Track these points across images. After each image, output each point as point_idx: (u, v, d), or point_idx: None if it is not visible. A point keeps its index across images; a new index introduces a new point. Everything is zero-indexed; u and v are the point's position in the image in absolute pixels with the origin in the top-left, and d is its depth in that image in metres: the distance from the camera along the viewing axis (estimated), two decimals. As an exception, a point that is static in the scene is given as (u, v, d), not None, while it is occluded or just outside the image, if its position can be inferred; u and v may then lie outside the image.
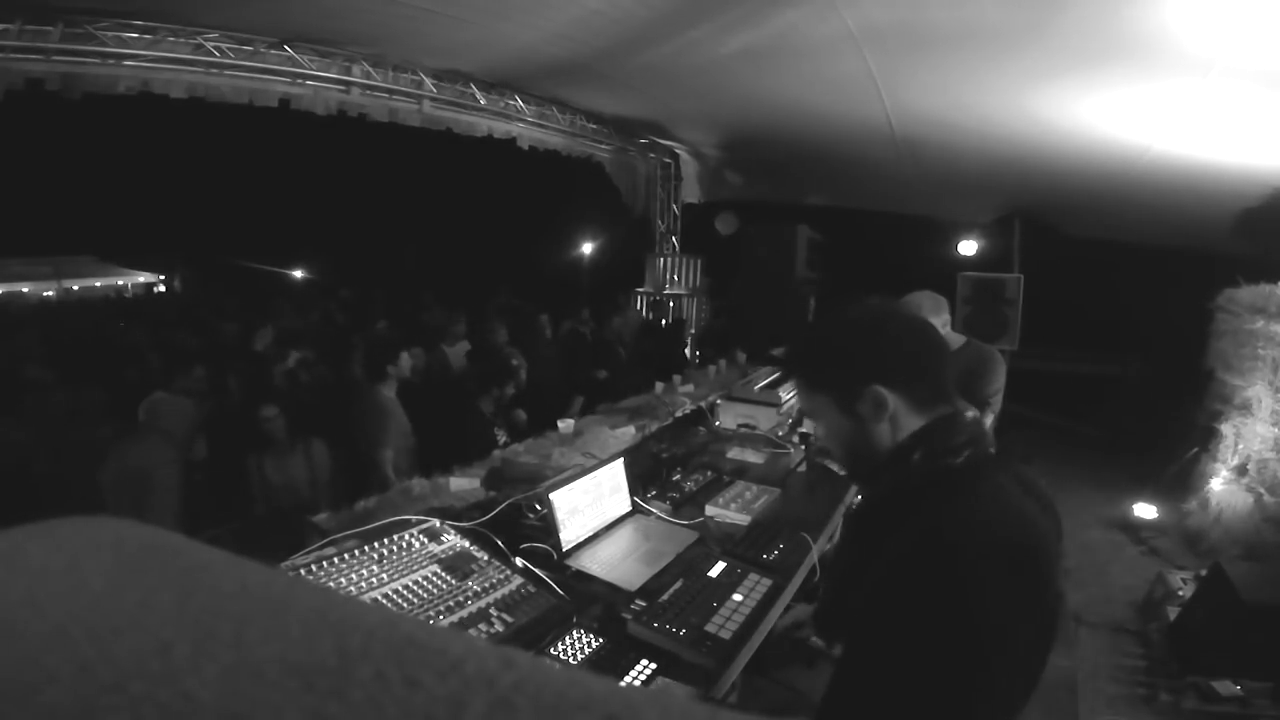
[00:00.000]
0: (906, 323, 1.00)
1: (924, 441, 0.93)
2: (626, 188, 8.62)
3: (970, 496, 0.86)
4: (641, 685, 1.34)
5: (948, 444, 0.91)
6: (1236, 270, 4.89)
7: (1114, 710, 2.91)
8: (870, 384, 0.94)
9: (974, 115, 4.89)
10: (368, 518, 1.84)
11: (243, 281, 16.31)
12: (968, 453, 0.91)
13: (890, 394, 0.94)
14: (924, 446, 0.92)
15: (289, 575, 0.27)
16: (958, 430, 0.93)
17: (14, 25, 4.00)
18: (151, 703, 0.16)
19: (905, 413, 0.95)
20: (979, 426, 0.96)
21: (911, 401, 0.95)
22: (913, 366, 0.97)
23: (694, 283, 9.12)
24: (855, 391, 0.95)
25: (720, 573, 1.74)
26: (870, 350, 0.98)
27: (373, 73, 5.43)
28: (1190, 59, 3.35)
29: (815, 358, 1.04)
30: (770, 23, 3.96)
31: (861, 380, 0.95)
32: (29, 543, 0.22)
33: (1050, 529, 0.90)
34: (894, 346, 0.98)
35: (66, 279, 16.73)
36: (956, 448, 0.91)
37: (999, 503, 0.86)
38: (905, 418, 0.95)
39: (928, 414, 0.95)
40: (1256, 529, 4.22)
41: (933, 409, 0.95)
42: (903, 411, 0.95)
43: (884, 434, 0.95)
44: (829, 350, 1.02)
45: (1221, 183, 5.01)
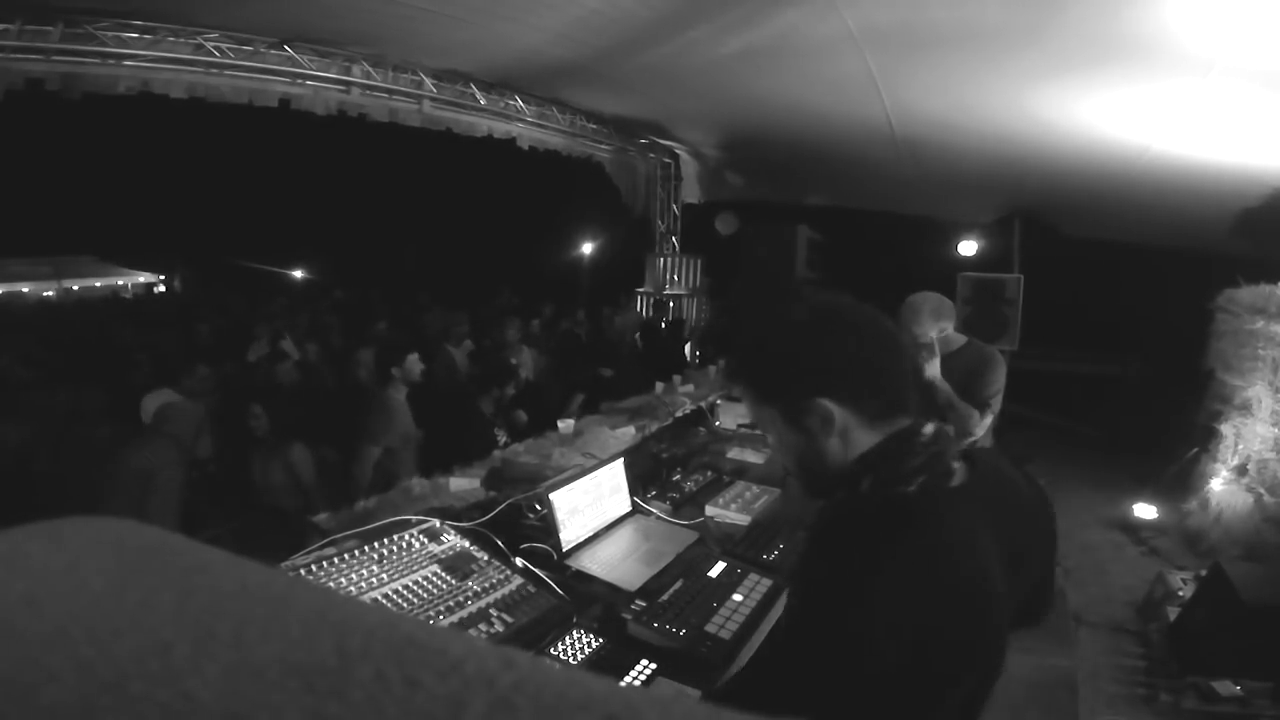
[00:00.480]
0: (856, 325, 0.88)
1: (874, 467, 0.86)
2: (626, 188, 8.62)
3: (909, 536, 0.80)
4: (641, 685, 1.34)
5: (900, 469, 0.84)
6: (1236, 270, 4.89)
7: (1114, 710, 2.91)
8: (815, 397, 0.86)
9: (974, 115, 4.89)
10: (368, 518, 1.84)
11: (242, 281, 16.31)
12: (922, 479, 0.84)
13: (838, 408, 0.86)
14: (875, 473, 0.85)
15: (289, 575, 0.27)
16: (912, 452, 0.85)
17: (14, 25, 4.01)
18: (151, 703, 0.16)
19: (856, 427, 0.87)
20: (939, 444, 0.87)
21: (862, 416, 0.87)
22: (863, 376, 0.87)
23: (694, 283, 9.12)
24: (800, 404, 0.87)
25: (720, 573, 1.74)
26: (814, 359, 0.88)
27: (373, 73, 5.44)
28: (1190, 59, 3.35)
29: (756, 367, 0.94)
30: (770, 23, 3.96)
31: (806, 393, 0.86)
32: (29, 543, 0.22)
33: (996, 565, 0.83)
34: (841, 354, 0.87)
35: (66, 279, 16.72)
36: (909, 474, 0.84)
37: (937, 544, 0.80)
38: (857, 433, 0.87)
39: (882, 428, 0.87)
40: (1256, 529, 4.22)
41: (888, 422, 0.87)
42: (853, 426, 0.87)
43: (835, 449, 0.88)
44: (770, 359, 0.92)
45: (1221, 183, 5.01)
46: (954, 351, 2.78)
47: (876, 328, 0.88)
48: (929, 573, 0.78)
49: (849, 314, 0.89)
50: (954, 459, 0.88)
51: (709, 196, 9.47)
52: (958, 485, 0.87)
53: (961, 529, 0.82)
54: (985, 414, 2.70)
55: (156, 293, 18.43)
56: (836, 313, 0.90)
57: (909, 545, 0.79)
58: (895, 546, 0.79)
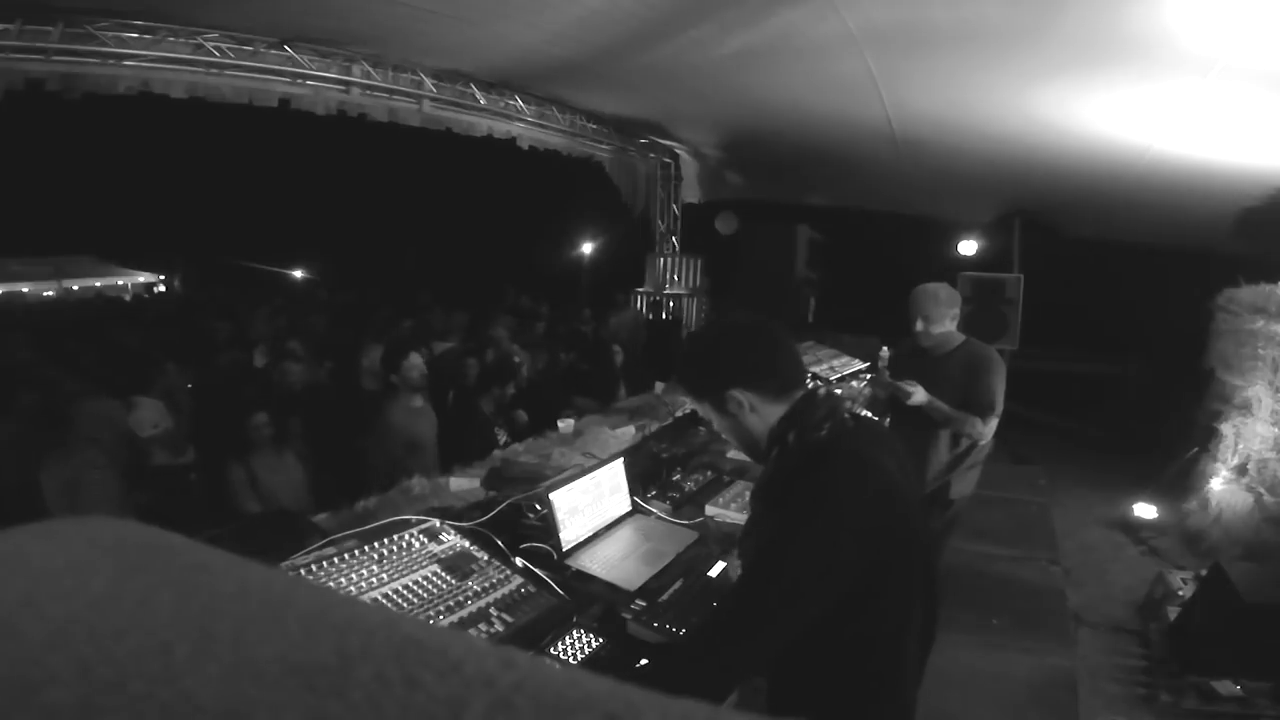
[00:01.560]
0: (745, 333, 1.22)
1: (792, 423, 1.15)
2: (626, 188, 8.62)
3: (834, 462, 1.10)
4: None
5: (809, 420, 1.14)
6: (1236, 270, 4.89)
7: (1114, 710, 2.91)
8: (728, 389, 1.17)
9: (974, 115, 4.89)
10: (368, 518, 1.84)
11: (242, 281, 16.30)
12: (828, 424, 1.14)
13: (744, 393, 1.17)
14: (794, 428, 1.14)
15: (289, 575, 0.27)
16: (815, 406, 1.16)
17: (14, 25, 4.00)
18: (151, 703, 0.16)
19: (764, 404, 1.17)
20: (832, 400, 1.19)
21: (765, 394, 1.17)
22: (758, 368, 1.18)
23: (694, 283, 9.11)
24: (720, 396, 1.18)
25: (720, 573, 1.74)
26: (719, 362, 1.21)
27: (373, 73, 5.43)
28: (1191, 59, 3.35)
29: (685, 376, 1.27)
30: (770, 23, 3.96)
31: (721, 387, 1.18)
32: (29, 543, 0.22)
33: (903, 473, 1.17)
34: (738, 355, 1.19)
35: (66, 279, 16.71)
36: (818, 421, 1.14)
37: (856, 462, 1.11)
38: (766, 408, 1.17)
39: (786, 400, 1.18)
40: (1256, 529, 4.22)
41: (789, 395, 1.18)
42: (760, 404, 1.17)
43: (755, 423, 1.18)
44: (693, 367, 1.25)
45: (1222, 183, 5.01)
46: (951, 350, 2.78)
47: (762, 332, 1.21)
48: (857, 484, 1.08)
49: (742, 326, 1.24)
50: (845, 411, 1.20)
51: (709, 196, 9.47)
52: (853, 429, 1.18)
53: (869, 452, 1.14)
54: (989, 418, 2.70)
55: (157, 292, 18.41)
56: (732, 327, 1.28)
57: (835, 469, 1.10)
58: (824, 474, 1.09)
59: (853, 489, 1.07)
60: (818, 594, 1.02)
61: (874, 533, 1.05)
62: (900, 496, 1.12)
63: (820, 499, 1.05)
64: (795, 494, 1.08)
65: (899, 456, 1.22)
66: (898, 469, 1.16)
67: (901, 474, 1.17)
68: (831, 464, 1.10)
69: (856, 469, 1.09)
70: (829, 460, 1.10)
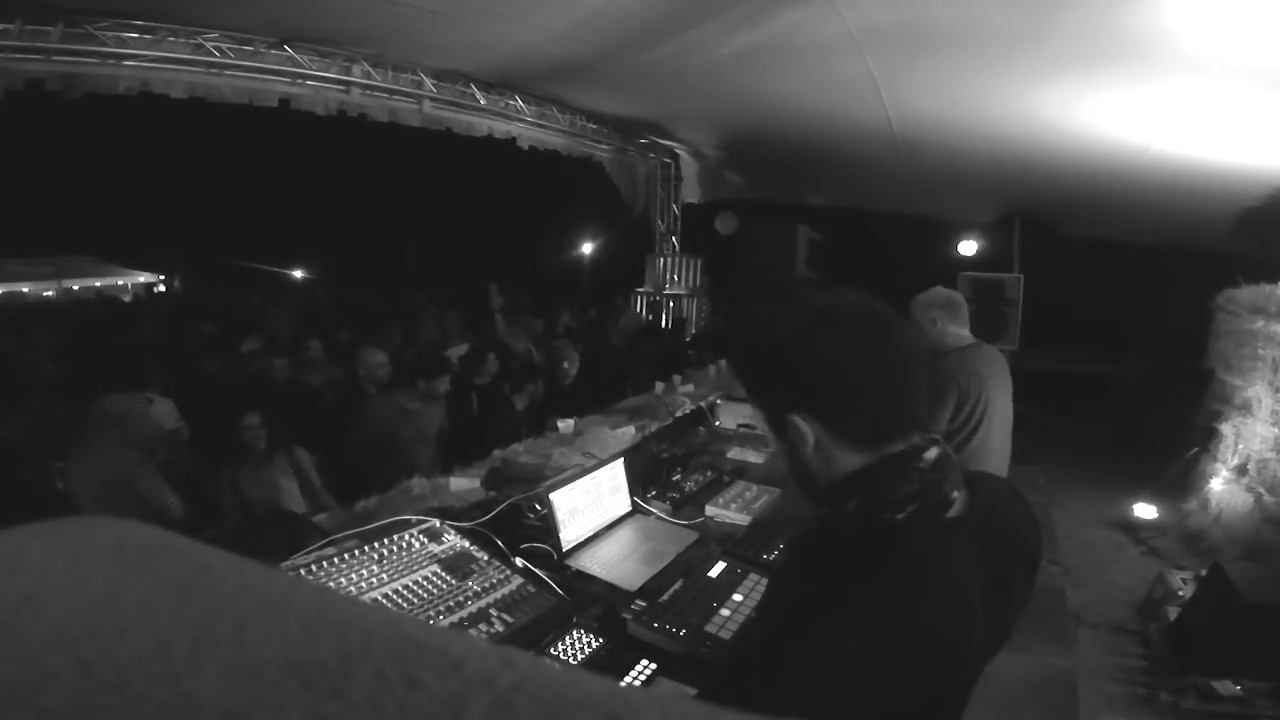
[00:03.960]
0: (848, 339, 0.80)
1: (860, 490, 0.80)
2: (626, 188, 8.62)
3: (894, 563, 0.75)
4: (641, 685, 1.34)
5: (887, 496, 0.78)
6: (1236, 270, 4.89)
7: (1114, 710, 2.91)
8: (790, 412, 0.82)
9: (974, 115, 4.89)
10: (368, 518, 1.84)
11: (242, 281, 16.31)
12: (912, 508, 0.78)
13: (811, 425, 0.81)
14: (860, 496, 0.80)
15: (289, 575, 0.27)
16: (905, 479, 0.79)
17: (14, 25, 4.00)
18: (151, 703, 0.16)
19: (835, 447, 0.81)
20: (938, 471, 0.80)
21: (841, 436, 0.81)
22: (843, 397, 0.80)
23: (694, 283, 9.12)
24: (780, 416, 0.83)
25: (720, 573, 1.73)
26: (791, 374, 0.83)
27: (373, 73, 5.44)
28: (1191, 59, 3.35)
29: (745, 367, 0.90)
30: (771, 23, 3.96)
31: (781, 406, 0.83)
32: (29, 543, 0.22)
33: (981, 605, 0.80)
34: (820, 371, 0.80)
35: (66, 279, 16.72)
36: (898, 501, 0.78)
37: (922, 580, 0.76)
38: (837, 453, 0.81)
39: (871, 451, 0.80)
40: (1256, 529, 4.22)
41: (878, 446, 0.80)
42: (831, 445, 0.81)
43: (816, 463, 0.83)
44: (755, 364, 0.88)
45: (1222, 183, 5.01)
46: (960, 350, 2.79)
47: (876, 343, 0.80)
48: (905, 608, 0.74)
49: (845, 325, 0.81)
50: (953, 488, 0.81)
51: (709, 196, 9.48)
52: (956, 517, 0.80)
53: (947, 566, 0.78)
54: None
55: (157, 293, 18.41)
56: (830, 323, 0.82)
57: (887, 576, 0.74)
58: (873, 576, 0.74)
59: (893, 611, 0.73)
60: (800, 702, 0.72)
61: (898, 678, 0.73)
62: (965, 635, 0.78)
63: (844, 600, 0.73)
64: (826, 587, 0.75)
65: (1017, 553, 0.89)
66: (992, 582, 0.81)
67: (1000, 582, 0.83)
68: (887, 570, 0.74)
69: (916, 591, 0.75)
70: (888, 561, 0.75)
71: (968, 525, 0.81)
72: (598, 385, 4.66)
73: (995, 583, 0.82)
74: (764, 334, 0.87)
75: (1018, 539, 0.90)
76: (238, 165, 21.94)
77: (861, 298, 0.84)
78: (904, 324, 0.85)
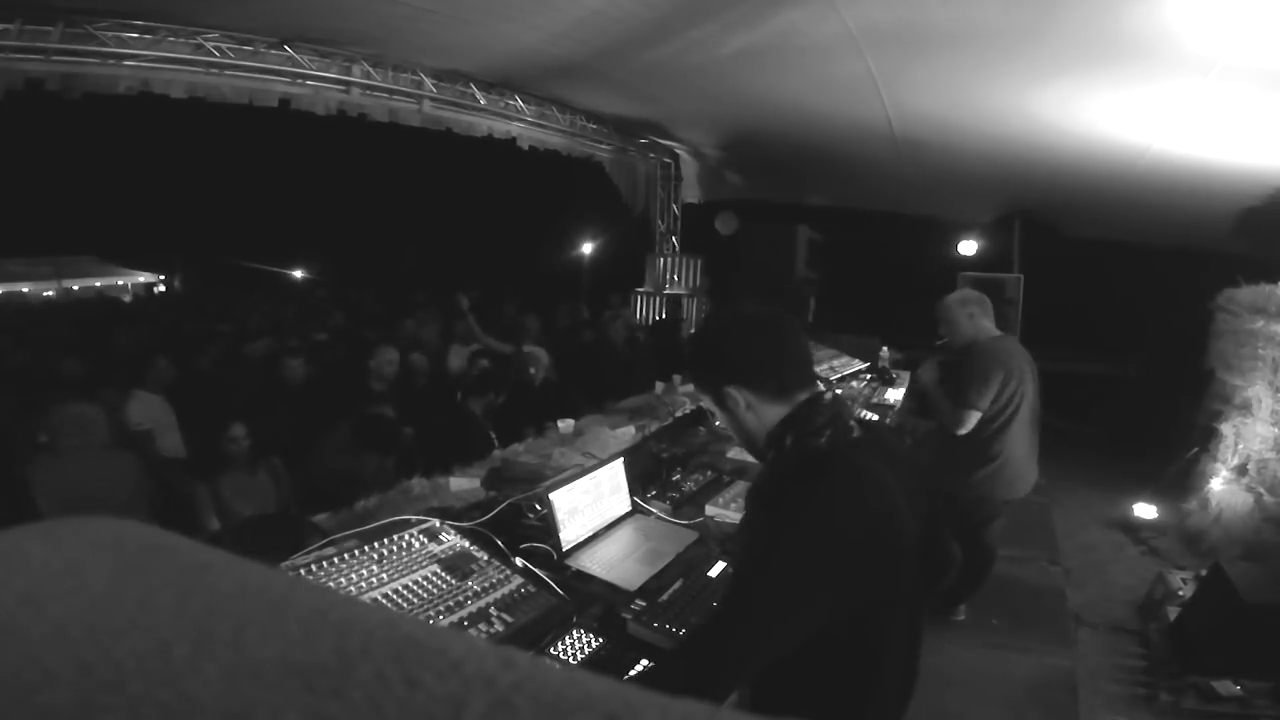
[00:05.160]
0: (749, 327, 1.16)
1: (790, 427, 1.10)
2: (626, 188, 8.62)
3: (830, 472, 1.05)
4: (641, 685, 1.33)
5: (809, 426, 1.09)
6: (1236, 270, 4.89)
7: (1114, 710, 2.91)
8: (724, 385, 1.13)
9: (974, 115, 4.89)
10: (368, 518, 1.84)
11: (242, 281, 16.31)
12: (829, 432, 1.08)
13: (741, 391, 1.12)
14: (792, 431, 1.09)
15: (289, 575, 0.27)
16: (817, 412, 1.10)
17: (14, 25, 4.00)
18: (151, 703, 0.16)
19: (761, 404, 1.12)
20: (838, 406, 1.14)
21: (763, 394, 1.12)
22: (757, 366, 1.12)
23: (694, 283, 9.12)
24: (719, 392, 1.14)
25: (720, 572, 1.74)
26: (717, 358, 1.16)
27: (373, 73, 5.44)
28: (1191, 59, 3.35)
29: (690, 365, 1.26)
30: (770, 23, 3.96)
31: (718, 383, 1.14)
32: (29, 543, 0.22)
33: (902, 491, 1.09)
34: (738, 351, 1.14)
35: (66, 279, 16.70)
36: (818, 429, 1.08)
37: (853, 474, 1.05)
38: (764, 408, 1.12)
39: (787, 402, 1.12)
40: (1256, 529, 4.22)
41: (790, 397, 1.12)
42: (758, 403, 1.12)
43: (753, 422, 1.13)
44: (695, 359, 1.22)
45: (1222, 183, 5.01)
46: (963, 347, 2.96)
47: (768, 327, 1.15)
48: (851, 497, 1.03)
49: (749, 320, 1.17)
50: (851, 419, 1.15)
51: (709, 196, 9.48)
52: (857, 439, 1.12)
53: (868, 469, 1.07)
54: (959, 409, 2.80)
55: (157, 293, 18.41)
56: (739, 321, 1.19)
57: (829, 482, 1.04)
58: (818, 484, 1.04)
59: (846, 502, 1.02)
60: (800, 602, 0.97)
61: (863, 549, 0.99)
62: (897, 520, 1.05)
63: (810, 508, 1.01)
64: (786, 500, 1.03)
65: (910, 474, 1.17)
66: (904, 487, 1.10)
67: (907, 493, 1.10)
68: (827, 474, 1.05)
69: (852, 482, 1.04)
70: (825, 470, 1.05)
71: (869, 445, 1.14)
72: (597, 385, 4.66)
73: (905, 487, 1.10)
74: (701, 338, 1.31)
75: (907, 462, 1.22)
76: (238, 165, 21.95)
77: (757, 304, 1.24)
78: (787, 316, 1.19)
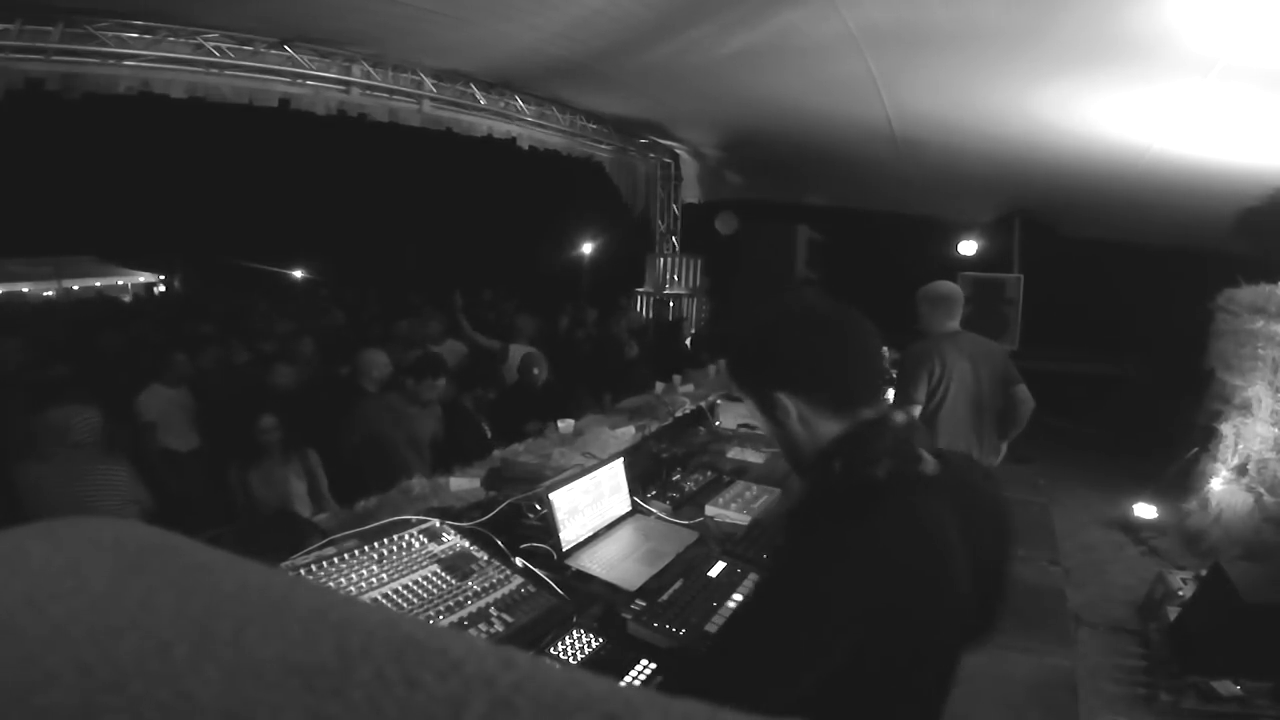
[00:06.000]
0: (815, 327, 0.96)
1: (842, 450, 0.91)
2: (626, 188, 8.62)
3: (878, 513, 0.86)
4: (641, 685, 1.34)
5: (866, 453, 0.89)
6: (1236, 270, 4.89)
7: (1114, 710, 2.91)
8: (774, 391, 0.95)
9: (974, 115, 4.89)
10: (368, 518, 1.84)
11: (242, 281, 16.30)
12: (889, 462, 0.88)
13: (793, 400, 0.94)
14: (843, 456, 0.91)
15: (289, 575, 0.27)
16: (878, 438, 0.91)
17: (14, 25, 4.01)
18: (151, 703, 0.16)
19: (815, 418, 0.94)
20: (906, 432, 0.93)
21: (818, 408, 0.94)
22: (815, 372, 0.94)
23: (694, 283, 9.12)
24: (765, 396, 0.97)
25: (720, 573, 1.73)
26: (769, 356, 0.97)
27: (373, 73, 5.44)
28: (1191, 59, 3.35)
29: (733, 365, 1.05)
30: (770, 23, 3.96)
31: (766, 387, 0.96)
32: (29, 543, 0.22)
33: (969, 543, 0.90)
34: (794, 352, 0.95)
35: (66, 279, 16.69)
36: (875, 458, 0.89)
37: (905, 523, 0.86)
38: (818, 423, 0.94)
39: (845, 419, 0.93)
40: (1256, 529, 4.22)
41: (851, 413, 0.93)
42: (811, 417, 0.94)
43: (801, 435, 0.95)
44: (741, 358, 1.03)
45: (1222, 183, 5.01)
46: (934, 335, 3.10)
47: (832, 327, 0.96)
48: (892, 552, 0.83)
49: (812, 316, 0.97)
50: (923, 448, 0.92)
51: (709, 196, 9.48)
52: (928, 475, 0.90)
53: (928, 515, 0.88)
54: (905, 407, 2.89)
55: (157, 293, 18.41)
56: (800, 315, 0.98)
57: (875, 525, 0.85)
58: (862, 525, 0.85)
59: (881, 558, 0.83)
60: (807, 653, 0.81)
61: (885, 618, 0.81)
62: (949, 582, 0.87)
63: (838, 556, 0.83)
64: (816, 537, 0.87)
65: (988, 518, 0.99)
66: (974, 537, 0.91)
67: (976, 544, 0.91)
68: (871, 517, 0.85)
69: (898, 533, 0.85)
70: (870, 510, 0.86)
71: (940, 481, 0.91)
72: (598, 385, 4.66)
73: (969, 538, 0.90)
74: (745, 331, 1.03)
75: (986, 505, 1.00)
76: (238, 165, 21.93)
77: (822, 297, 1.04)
78: (859, 315, 0.98)
